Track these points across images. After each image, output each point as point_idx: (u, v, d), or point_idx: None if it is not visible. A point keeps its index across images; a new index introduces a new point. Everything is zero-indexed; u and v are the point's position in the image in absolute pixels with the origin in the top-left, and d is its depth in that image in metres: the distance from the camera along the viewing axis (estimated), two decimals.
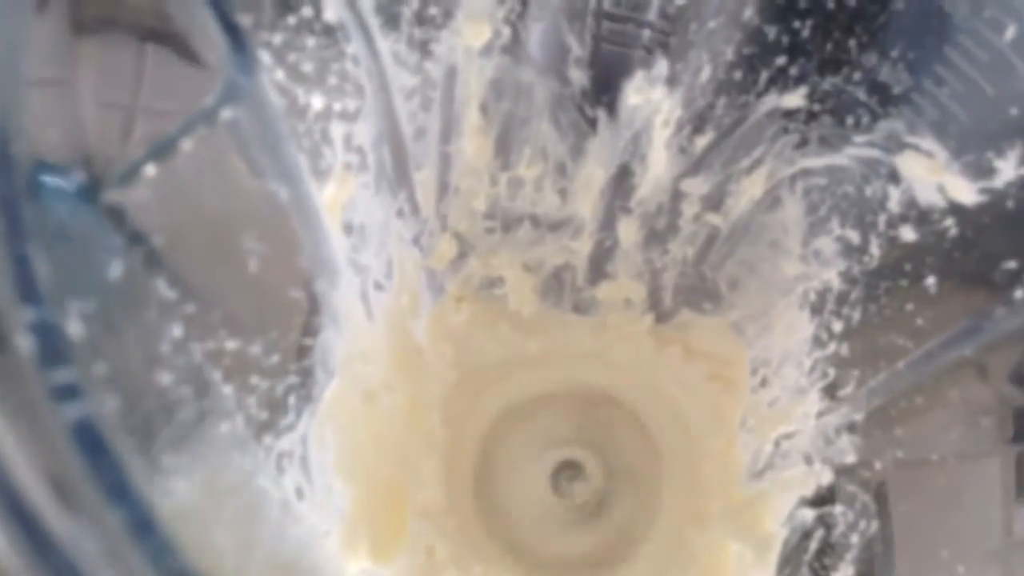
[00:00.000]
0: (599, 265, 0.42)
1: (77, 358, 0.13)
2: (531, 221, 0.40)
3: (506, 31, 0.30)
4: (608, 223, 0.39)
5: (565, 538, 0.43)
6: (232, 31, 0.16)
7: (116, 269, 0.16)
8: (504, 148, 0.35)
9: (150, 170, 0.16)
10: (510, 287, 0.43)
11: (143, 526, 0.12)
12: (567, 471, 0.44)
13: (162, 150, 0.16)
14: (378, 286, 0.35)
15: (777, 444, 0.40)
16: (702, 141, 0.34)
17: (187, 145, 0.16)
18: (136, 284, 0.17)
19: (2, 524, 0.12)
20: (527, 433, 0.44)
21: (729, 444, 0.44)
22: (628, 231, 0.39)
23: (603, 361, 0.45)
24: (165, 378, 0.17)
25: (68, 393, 0.13)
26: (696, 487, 0.44)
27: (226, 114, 0.16)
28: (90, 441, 0.13)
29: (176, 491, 0.15)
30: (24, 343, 0.13)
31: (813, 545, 0.35)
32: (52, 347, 0.13)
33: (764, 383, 0.42)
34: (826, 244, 0.36)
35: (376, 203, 0.33)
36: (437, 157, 0.35)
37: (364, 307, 0.32)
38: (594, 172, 0.36)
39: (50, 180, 0.14)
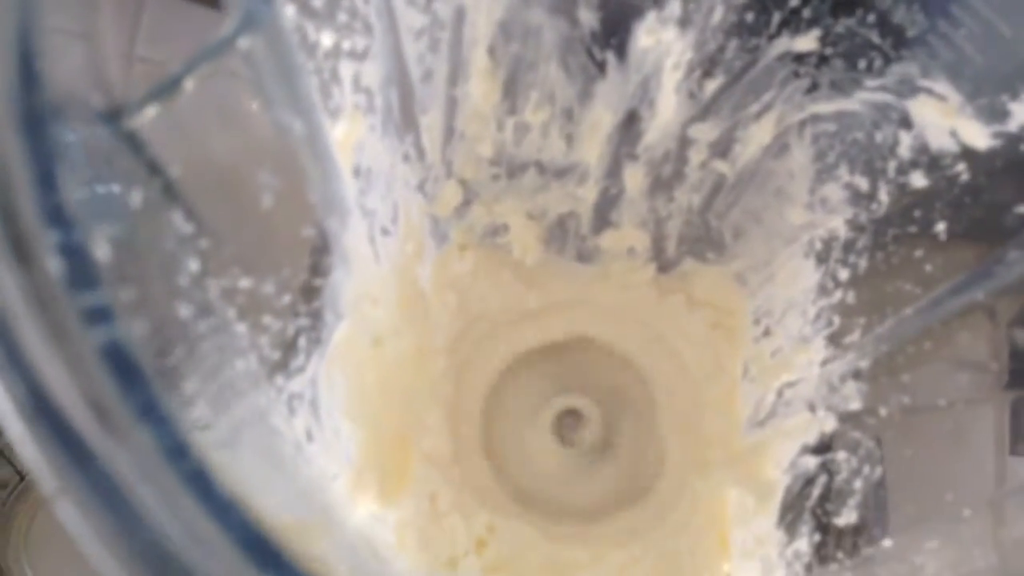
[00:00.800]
0: (604, 213, 0.42)
1: (105, 281, 0.13)
2: (536, 168, 0.39)
3: None
4: (614, 170, 0.39)
5: (567, 486, 0.43)
6: None
7: (137, 196, 0.15)
8: (511, 92, 0.35)
9: (166, 99, 0.15)
10: (514, 235, 0.43)
11: (176, 447, 0.12)
12: (569, 419, 0.44)
13: (180, 77, 0.16)
14: (384, 231, 0.35)
15: (780, 393, 0.40)
16: (711, 85, 0.34)
17: (205, 72, 0.16)
18: (155, 214, 0.17)
19: (42, 442, 0.12)
20: (530, 382, 0.44)
21: (730, 393, 0.44)
22: (634, 178, 0.39)
23: (605, 310, 0.45)
24: (184, 310, 0.17)
25: (98, 316, 0.13)
26: (698, 435, 0.44)
27: (244, 43, 0.16)
28: (122, 363, 0.12)
29: (200, 420, 0.15)
30: (53, 265, 0.12)
31: (816, 491, 0.36)
32: (80, 269, 0.13)
33: (767, 332, 0.42)
34: (833, 191, 0.36)
35: (383, 146, 0.33)
36: (444, 100, 0.34)
37: (372, 250, 0.32)
38: (602, 117, 0.36)
39: (72, 101, 0.14)
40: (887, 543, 0.31)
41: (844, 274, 0.36)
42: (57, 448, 0.12)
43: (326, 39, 0.25)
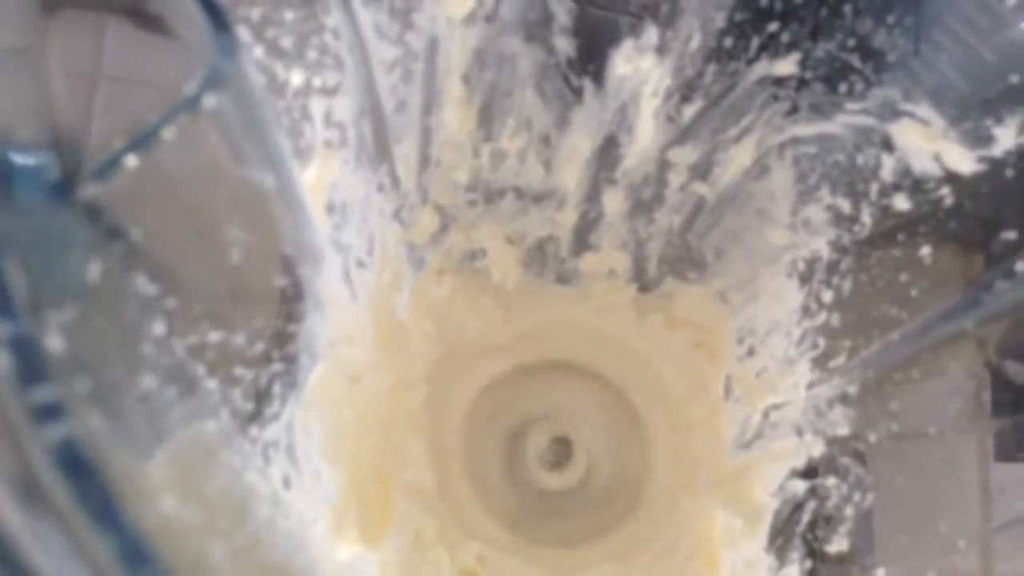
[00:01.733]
0: (583, 236, 0.41)
1: (58, 374, 0.12)
2: (514, 193, 0.39)
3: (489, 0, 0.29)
4: (593, 194, 0.38)
5: (554, 511, 0.42)
6: (213, 11, 0.15)
7: (94, 269, 0.15)
8: (487, 119, 0.34)
9: (131, 162, 0.15)
10: (492, 259, 0.42)
11: (135, 555, 0.12)
12: (554, 444, 0.43)
13: (142, 141, 0.15)
14: (360, 264, 0.34)
15: (766, 414, 0.40)
16: (690, 110, 0.33)
17: (168, 135, 0.15)
18: (113, 283, 0.16)
19: None
20: (512, 407, 0.44)
21: (713, 412, 0.44)
22: (613, 202, 0.39)
23: (585, 332, 0.45)
24: (149, 381, 0.16)
25: (50, 412, 0.12)
26: (683, 456, 0.44)
27: (209, 101, 0.15)
28: (75, 463, 0.12)
29: (165, 505, 0.14)
30: (1, 361, 0.12)
31: (805, 517, 0.35)
32: (31, 364, 0.12)
33: (751, 352, 0.42)
34: (815, 213, 0.36)
35: (357, 179, 0.32)
36: (418, 129, 0.34)
37: (347, 287, 0.31)
38: (579, 143, 0.35)
39: (22, 173, 0.13)
40: (880, 573, 0.30)
41: (828, 296, 0.36)
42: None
43: (296, 78, 0.25)
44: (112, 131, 0.16)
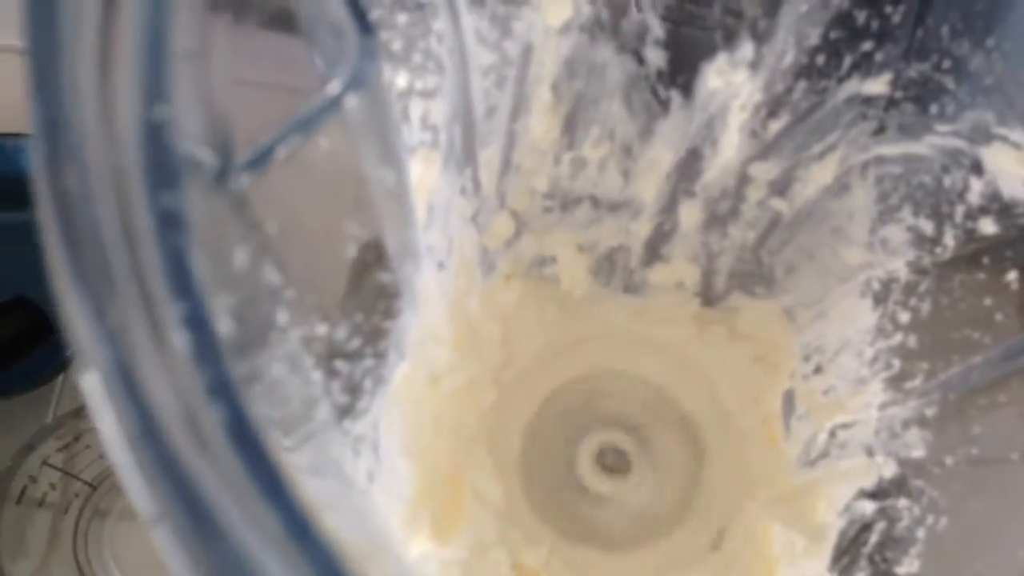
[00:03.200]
0: (655, 247, 0.42)
1: (227, 355, 0.13)
2: (591, 202, 0.39)
3: (587, 9, 0.29)
4: (670, 206, 0.38)
5: (608, 518, 0.43)
6: (359, 14, 0.15)
7: (242, 258, 0.15)
8: (571, 127, 0.35)
9: (280, 155, 0.15)
10: (562, 266, 0.43)
11: (302, 527, 0.12)
12: (612, 453, 0.43)
13: (291, 134, 0.15)
14: (441, 266, 0.34)
15: (833, 433, 0.39)
16: (776, 125, 0.33)
17: (315, 131, 0.15)
18: (254, 273, 0.17)
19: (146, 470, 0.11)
20: (571, 415, 0.44)
21: (766, 426, 0.44)
22: (690, 214, 0.39)
23: (647, 343, 0.45)
24: (278, 369, 0.17)
25: (222, 390, 0.12)
26: (741, 471, 0.44)
27: (351, 101, 0.15)
28: (246, 439, 0.12)
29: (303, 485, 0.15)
30: (179, 340, 0.12)
31: (874, 538, 0.35)
32: (206, 343, 0.12)
33: (818, 370, 0.42)
34: (895, 233, 0.35)
35: (444, 181, 0.32)
36: (504, 135, 0.34)
37: (438, 290, 0.32)
38: (661, 154, 0.35)
39: (189, 164, 0.14)
40: None
41: (905, 317, 0.35)
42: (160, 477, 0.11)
43: (401, 80, 0.25)
44: (253, 130, 0.16)
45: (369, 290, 0.24)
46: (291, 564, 0.12)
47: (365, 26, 0.16)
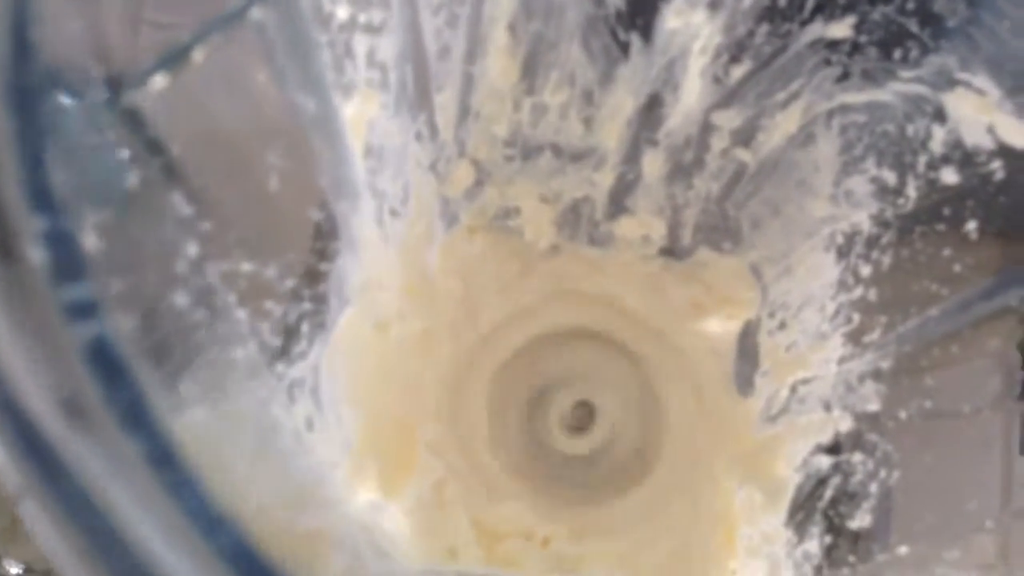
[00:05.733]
0: (619, 199, 0.41)
1: (92, 273, 0.12)
2: (552, 150, 0.38)
3: None
4: (633, 155, 0.38)
5: (572, 475, 0.42)
6: None
7: (133, 177, 0.14)
8: (530, 72, 0.34)
9: (172, 71, 0.14)
10: (526, 218, 0.42)
11: (162, 455, 0.11)
12: (575, 409, 0.43)
13: (185, 50, 0.14)
14: (394, 212, 0.34)
15: (794, 389, 0.39)
16: (738, 71, 0.33)
17: (212, 45, 0.14)
18: (153, 196, 0.16)
19: (7, 446, 0.11)
20: (535, 372, 0.44)
21: (730, 383, 0.44)
22: (653, 164, 0.38)
23: (613, 299, 0.45)
24: (181, 299, 0.16)
25: (83, 310, 0.12)
26: (704, 428, 0.43)
27: (256, 14, 0.15)
28: (107, 362, 0.11)
29: (191, 416, 0.14)
30: (36, 255, 0.11)
31: (828, 492, 0.35)
32: (66, 260, 0.12)
33: (782, 326, 0.41)
34: (859, 185, 0.35)
35: (395, 125, 0.32)
36: (460, 78, 0.33)
37: (380, 233, 0.31)
38: (623, 100, 0.34)
39: (67, 74, 0.13)
40: (903, 550, 0.30)
41: (866, 270, 0.35)
42: (22, 447, 0.11)
43: (342, 11, 0.24)
44: (150, 47, 0.15)
45: (301, 229, 0.23)
46: (146, 489, 0.11)
47: None
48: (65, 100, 0.13)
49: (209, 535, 0.11)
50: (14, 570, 0.41)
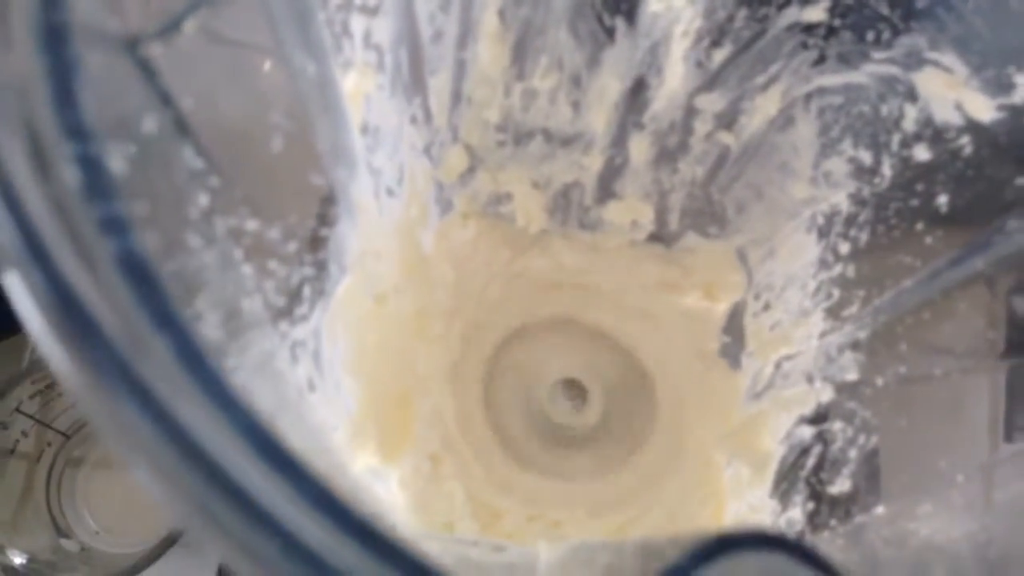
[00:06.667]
0: (608, 184, 0.42)
1: (120, 193, 0.13)
2: (543, 135, 0.40)
3: None
4: (620, 139, 0.39)
5: (565, 453, 0.43)
6: None
7: (150, 122, 0.16)
8: (520, 57, 0.35)
9: (188, 26, 0.16)
10: (518, 204, 0.43)
11: (193, 354, 0.13)
12: (568, 389, 0.44)
13: (191, 10, 0.16)
14: (390, 192, 0.35)
15: (778, 365, 0.40)
16: (719, 55, 0.34)
17: (217, 7, 0.16)
18: (167, 144, 0.17)
19: (68, 341, 0.12)
20: (527, 353, 0.45)
21: (715, 364, 0.45)
22: (639, 148, 0.39)
23: (604, 284, 0.46)
24: (193, 240, 0.17)
25: (114, 225, 0.13)
26: (693, 406, 0.44)
27: None
28: (138, 272, 0.13)
29: (212, 341, 0.15)
30: (70, 175, 0.13)
31: (810, 461, 0.36)
32: (97, 180, 0.13)
33: (767, 307, 0.43)
34: (837, 166, 0.36)
35: (391, 106, 0.33)
36: (453, 63, 0.35)
37: (377, 206, 0.32)
38: (609, 84, 0.36)
39: (90, 24, 0.14)
40: (880, 510, 0.31)
41: (845, 248, 0.36)
42: (83, 347, 0.12)
43: None
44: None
45: (305, 194, 0.24)
46: (178, 383, 0.12)
47: None
48: (87, 48, 0.14)
49: (229, 413, 0.12)
50: (18, 560, 0.42)
